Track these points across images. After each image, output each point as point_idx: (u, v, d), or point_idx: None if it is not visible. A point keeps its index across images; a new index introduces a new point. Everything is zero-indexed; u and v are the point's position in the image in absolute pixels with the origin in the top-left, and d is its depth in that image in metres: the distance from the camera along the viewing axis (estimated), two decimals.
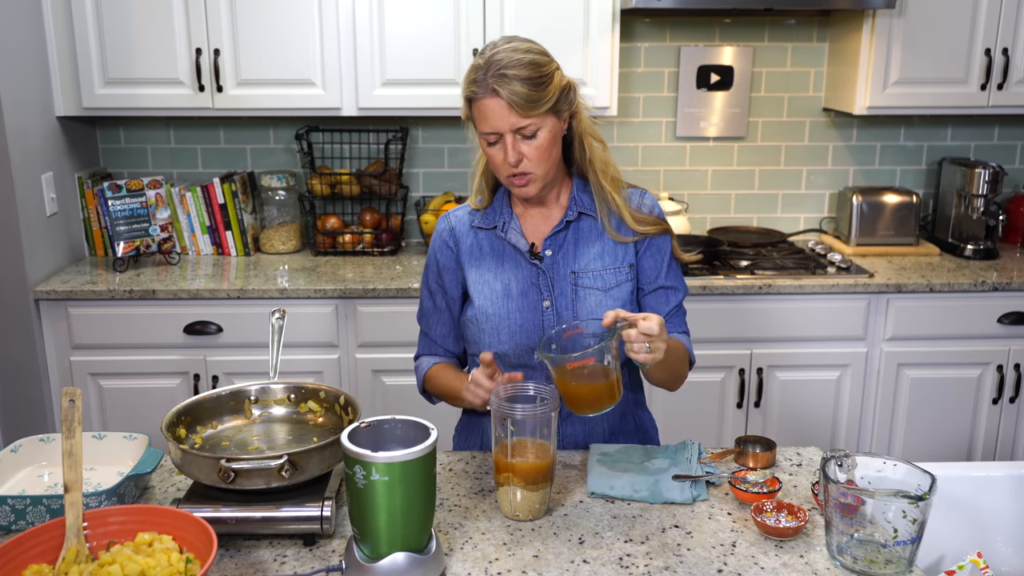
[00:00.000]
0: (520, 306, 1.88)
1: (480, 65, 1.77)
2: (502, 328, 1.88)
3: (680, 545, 1.57)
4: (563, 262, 1.90)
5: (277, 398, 1.83)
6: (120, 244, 3.37)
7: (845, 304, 3.27)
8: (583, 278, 1.89)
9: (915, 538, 1.45)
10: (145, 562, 1.34)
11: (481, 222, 1.93)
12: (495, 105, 1.74)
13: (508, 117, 1.74)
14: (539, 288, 1.89)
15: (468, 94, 1.79)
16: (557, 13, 3.28)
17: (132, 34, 3.26)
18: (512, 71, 1.73)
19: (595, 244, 1.91)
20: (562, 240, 1.90)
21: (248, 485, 1.52)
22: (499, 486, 1.65)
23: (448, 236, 1.96)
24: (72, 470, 1.43)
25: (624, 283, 1.90)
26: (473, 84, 1.77)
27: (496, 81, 1.73)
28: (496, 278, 1.90)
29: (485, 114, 1.76)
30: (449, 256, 1.95)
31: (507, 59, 1.74)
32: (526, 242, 1.90)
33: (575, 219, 1.91)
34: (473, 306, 1.92)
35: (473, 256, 1.93)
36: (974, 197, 3.60)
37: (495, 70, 1.73)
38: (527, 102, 1.73)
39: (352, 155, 3.74)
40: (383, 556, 1.41)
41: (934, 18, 3.35)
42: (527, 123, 1.75)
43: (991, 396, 3.36)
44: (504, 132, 1.76)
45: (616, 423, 2.00)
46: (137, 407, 3.23)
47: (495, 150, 1.80)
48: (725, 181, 3.86)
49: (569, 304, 1.88)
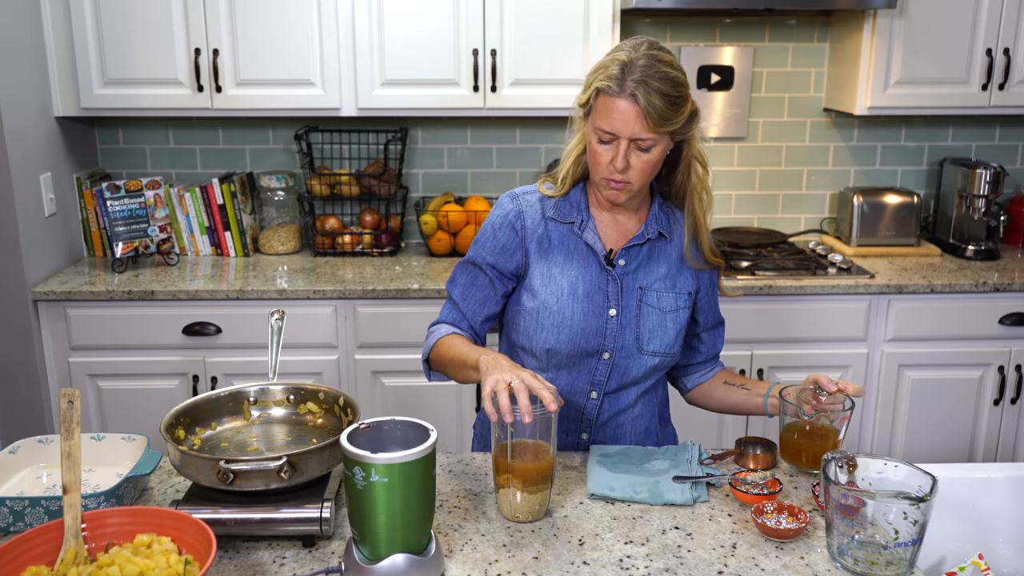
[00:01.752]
0: (585, 309, 1.87)
1: (623, 61, 1.71)
2: (563, 326, 1.87)
3: (680, 547, 1.56)
4: (633, 275, 1.89)
5: (276, 399, 1.82)
6: (119, 245, 3.36)
7: (846, 305, 3.26)
8: (648, 295, 1.89)
9: (916, 540, 1.45)
10: (144, 564, 1.34)
11: (556, 214, 1.90)
12: (628, 109, 1.71)
13: (635, 125, 1.71)
14: (607, 295, 1.88)
15: (602, 86, 1.73)
16: (557, 13, 3.27)
17: (131, 34, 3.25)
18: (655, 82, 1.70)
19: (663, 265, 1.92)
20: (636, 254, 1.90)
21: (247, 486, 1.51)
22: (499, 488, 1.65)
23: (516, 218, 1.91)
24: (71, 471, 1.43)
25: (682, 309, 1.92)
26: (611, 79, 1.72)
27: (638, 87, 1.69)
28: (563, 274, 1.88)
29: (612, 113, 1.72)
30: (512, 238, 1.90)
31: (652, 68, 1.71)
32: (603, 246, 1.89)
33: (654, 237, 1.90)
34: (535, 298, 1.88)
35: (541, 246, 1.90)
36: (975, 198, 3.60)
37: (640, 75, 1.70)
38: (660, 118, 1.71)
39: (351, 155, 3.73)
40: (382, 558, 1.41)
41: (935, 18, 3.34)
42: (649, 137, 1.73)
43: (992, 397, 3.36)
44: (623, 137, 1.73)
45: (641, 437, 2.01)
46: (136, 408, 3.22)
47: (605, 149, 1.77)
48: (726, 181, 3.85)
49: (633, 317, 1.88)
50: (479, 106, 3.35)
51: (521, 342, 1.93)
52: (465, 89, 3.33)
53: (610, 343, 1.88)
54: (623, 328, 1.88)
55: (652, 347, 1.90)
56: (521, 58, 3.30)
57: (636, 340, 1.89)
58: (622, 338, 1.88)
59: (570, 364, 1.90)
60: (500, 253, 1.91)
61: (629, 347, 1.89)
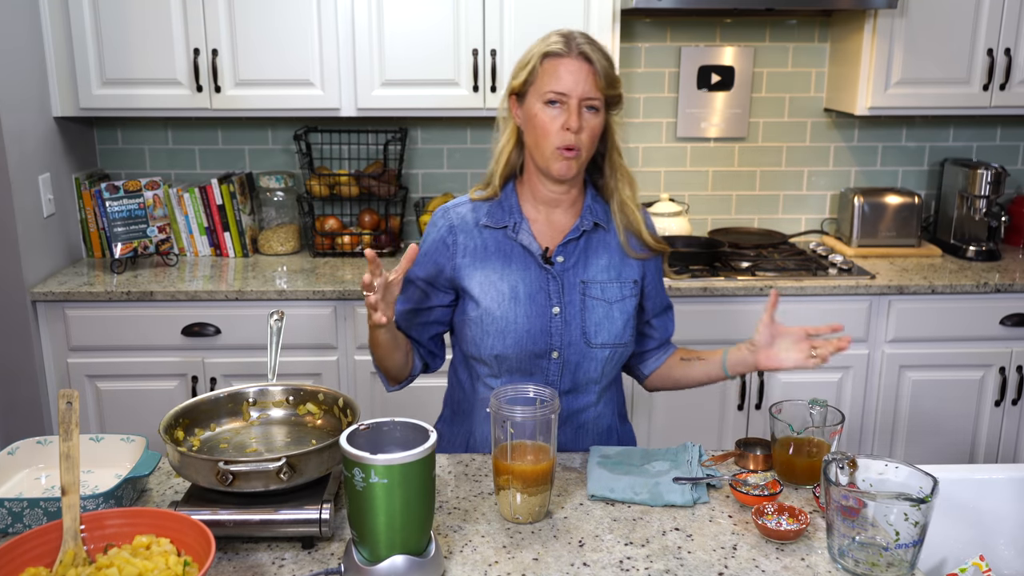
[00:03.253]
0: (528, 310, 1.87)
1: (563, 32, 1.81)
2: (508, 331, 1.87)
3: (681, 548, 1.56)
4: (573, 270, 1.89)
5: (275, 400, 1.82)
6: (118, 245, 3.36)
7: (847, 306, 3.26)
8: (591, 288, 1.89)
9: (917, 541, 1.45)
10: (143, 565, 1.33)
11: (489, 220, 1.90)
12: (580, 67, 1.77)
13: (586, 83, 1.77)
14: (548, 294, 1.87)
15: (551, 50, 1.79)
16: (557, 13, 3.27)
17: (130, 34, 3.25)
18: (598, 47, 1.81)
19: (603, 256, 1.91)
20: (574, 248, 1.90)
21: (246, 488, 1.51)
22: (499, 489, 1.64)
23: (447, 233, 1.92)
24: (69, 472, 1.42)
25: (628, 298, 1.91)
26: (558, 43, 1.79)
27: (588, 47, 1.78)
28: (502, 279, 1.88)
29: (562, 73, 1.77)
30: (444, 253, 1.92)
31: (591, 40, 1.81)
32: (539, 245, 1.89)
33: (590, 229, 1.90)
34: (478, 307, 1.89)
35: (477, 256, 1.90)
36: (976, 198, 3.59)
37: (583, 39, 1.79)
38: (608, 78, 1.79)
39: (351, 156, 3.73)
40: (382, 559, 1.40)
41: (936, 18, 3.34)
42: (598, 98, 1.78)
43: (993, 398, 3.36)
44: (574, 97, 1.77)
45: (604, 436, 2.01)
46: (135, 409, 3.22)
47: (555, 112, 1.78)
48: (726, 182, 3.85)
49: (577, 313, 1.88)
50: (479, 106, 3.34)
51: (470, 351, 1.94)
52: (465, 89, 3.33)
53: (557, 342, 1.88)
54: (568, 325, 1.87)
55: (600, 340, 1.89)
56: None
57: (583, 335, 1.88)
58: (568, 335, 1.88)
59: (521, 368, 1.90)
60: (431, 269, 1.93)
61: (577, 343, 1.88)
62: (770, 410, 1.81)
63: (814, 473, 1.74)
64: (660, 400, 3.29)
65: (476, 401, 1.97)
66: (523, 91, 1.83)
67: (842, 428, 1.79)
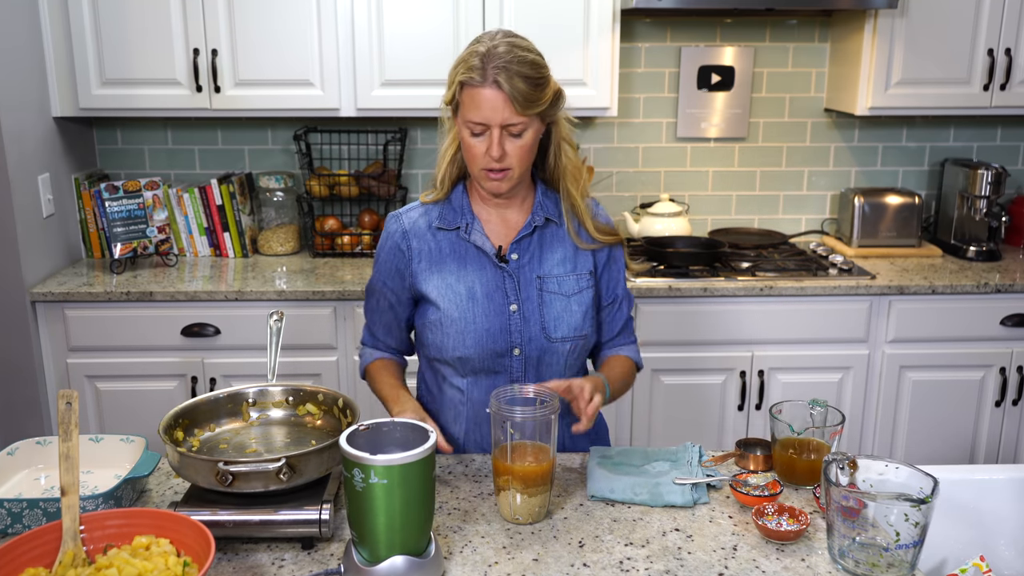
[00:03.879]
0: (486, 309, 1.86)
1: (482, 53, 1.74)
2: (468, 332, 1.86)
3: (681, 548, 1.56)
4: (529, 266, 1.89)
5: (275, 400, 1.82)
6: (117, 246, 3.35)
7: (847, 306, 3.25)
8: (548, 283, 1.89)
9: (917, 542, 1.44)
10: (142, 566, 1.33)
11: (441, 223, 1.90)
12: (493, 96, 1.72)
13: (503, 111, 1.73)
14: (505, 292, 1.87)
15: (464, 79, 1.75)
16: (557, 13, 3.27)
17: (129, 34, 3.24)
18: (515, 67, 1.72)
19: (558, 250, 1.92)
20: (527, 244, 1.90)
21: (246, 488, 1.51)
22: (499, 490, 1.64)
23: (400, 239, 1.92)
24: (69, 473, 1.42)
25: (585, 290, 1.91)
26: (472, 71, 1.73)
27: (499, 73, 1.71)
28: (459, 281, 1.88)
29: (479, 103, 1.74)
30: (400, 259, 1.92)
31: (510, 54, 1.73)
32: (492, 245, 1.89)
33: (542, 224, 1.90)
34: (437, 310, 1.88)
35: (432, 259, 1.90)
36: (977, 198, 3.59)
37: (499, 62, 1.72)
38: (526, 100, 1.73)
39: (351, 156, 3.73)
40: (382, 560, 1.40)
41: (936, 18, 3.34)
42: (519, 121, 1.75)
43: (994, 399, 3.35)
44: (494, 125, 1.74)
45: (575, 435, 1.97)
46: (134, 410, 3.21)
47: (478, 141, 1.78)
48: (726, 182, 3.85)
49: (536, 308, 1.88)
50: None
51: (433, 355, 1.95)
52: None
53: (517, 339, 1.87)
54: (527, 321, 1.87)
55: (560, 333, 1.88)
56: None
57: (543, 330, 1.88)
58: (528, 331, 1.87)
59: (485, 368, 1.89)
60: (394, 276, 1.94)
61: (537, 338, 1.88)
62: (770, 411, 1.81)
63: (814, 474, 1.74)
64: (660, 400, 3.29)
65: (444, 402, 1.97)
66: (455, 109, 1.81)
67: (842, 428, 1.79)
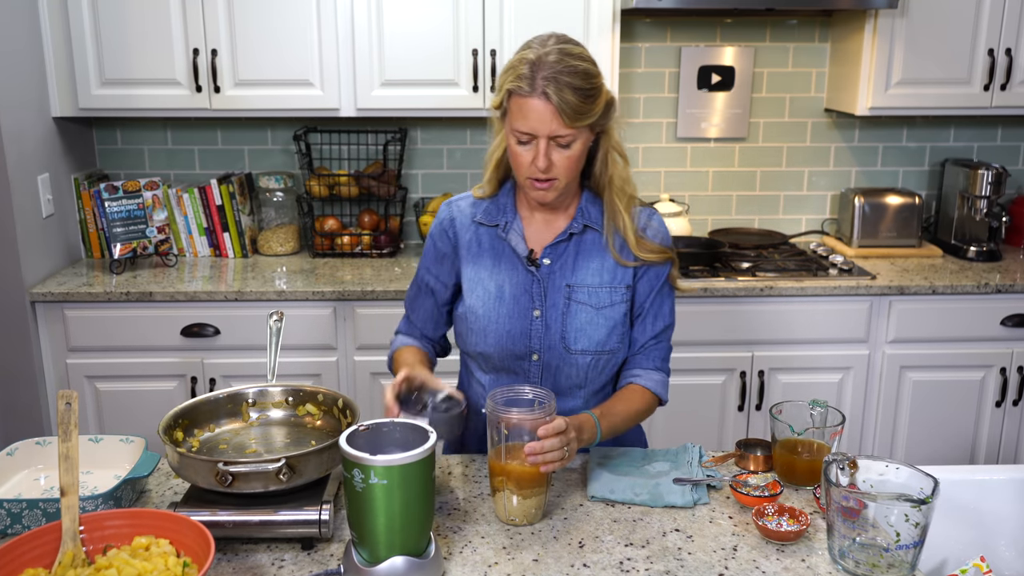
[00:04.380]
0: (511, 311, 1.85)
1: (532, 60, 1.68)
2: (489, 330, 1.86)
3: (681, 549, 1.55)
4: (560, 273, 1.85)
5: (275, 401, 1.82)
6: (117, 246, 3.35)
7: (847, 306, 3.25)
8: (578, 292, 1.85)
9: (918, 542, 1.44)
10: (142, 566, 1.33)
11: (483, 218, 1.89)
12: (541, 107, 1.67)
13: (551, 123, 1.68)
14: (531, 296, 1.85)
15: (512, 87, 1.70)
16: (557, 13, 3.27)
17: (129, 34, 3.24)
18: (566, 77, 1.66)
19: (595, 259, 1.86)
20: (563, 251, 1.86)
21: (246, 489, 1.51)
22: (495, 491, 1.64)
23: (448, 225, 1.92)
24: (68, 473, 1.42)
25: (618, 304, 1.85)
26: (521, 79, 1.68)
27: (548, 84, 1.66)
28: (491, 278, 1.87)
29: (526, 113, 1.69)
30: (447, 244, 1.92)
31: (561, 63, 1.67)
32: (525, 247, 1.87)
33: (580, 231, 1.86)
34: (464, 303, 1.89)
35: (471, 252, 1.89)
36: (977, 198, 3.59)
37: (549, 71, 1.66)
38: (575, 113, 1.68)
39: (350, 156, 3.72)
40: (382, 560, 1.40)
41: (937, 18, 3.34)
42: (568, 133, 1.70)
43: (994, 399, 3.35)
44: (541, 136, 1.70)
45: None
46: (134, 410, 3.21)
47: (524, 149, 1.74)
48: (726, 182, 3.85)
49: (559, 317, 1.84)
50: (478, 106, 3.34)
51: (461, 346, 1.96)
52: (465, 89, 3.32)
53: (536, 344, 1.85)
54: (548, 328, 1.85)
55: (579, 346, 1.84)
56: None
57: (562, 340, 1.84)
58: (548, 339, 1.85)
59: (504, 367, 1.89)
60: (439, 262, 1.93)
61: (556, 347, 1.85)
62: (770, 411, 1.80)
63: (814, 474, 1.74)
64: None
65: (471, 395, 1.96)
66: (502, 114, 1.78)
67: (842, 429, 1.79)
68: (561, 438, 1.59)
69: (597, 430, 1.75)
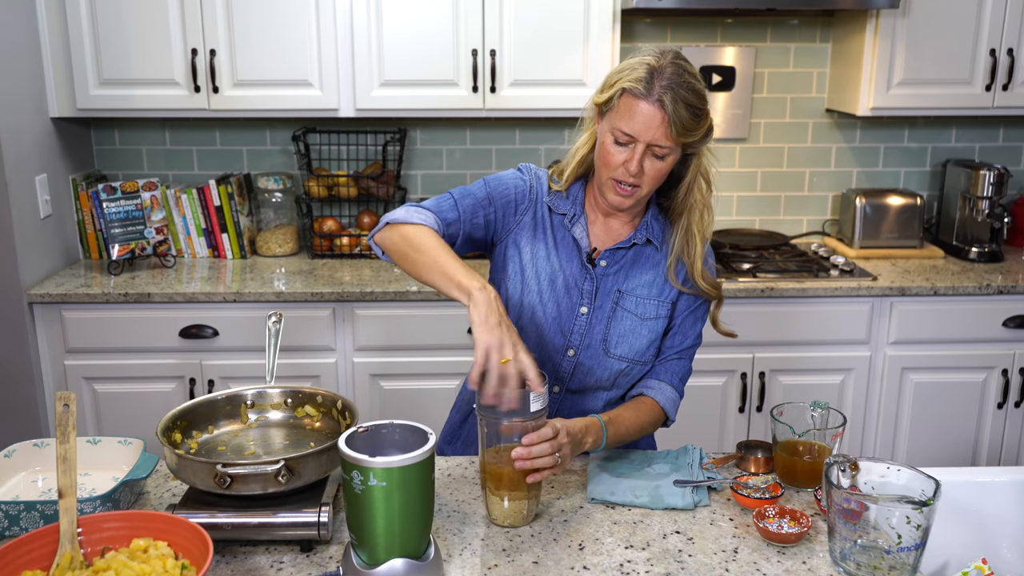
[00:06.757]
0: (559, 300, 1.85)
1: (652, 65, 1.69)
2: (536, 312, 1.85)
3: (681, 551, 1.55)
4: (613, 277, 1.87)
5: (274, 402, 1.81)
6: (115, 247, 3.34)
7: (848, 307, 3.25)
8: (626, 300, 1.86)
9: (919, 544, 1.44)
10: (140, 568, 1.33)
11: (552, 203, 1.88)
12: (653, 113, 1.67)
13: (656, 130, 1.68)
14: (582, 292, 1.86)
15: (629, 86, 1.69)
16: (557, 13, 3.26)
17: (127, 34, 3.24)
18: (683, 91, 1.67)
19: (648, 272, 1.88)
20: (620, 257, 1.87)
21: (244, 490, 1.50)
22: (486, 493, 1.63)
23: (527, 190, 1.88)
24: (66, 475, 1.41)
25: (661, 318, 1.88)
26: (639, 81, 1.68)
27: (666, 92, 1.66)
28: (547, 259, 1.86)
29: (635, 115, 1.69)
30: (508, 203, 1.87)
31: (680, 77, 1.68)
32: (588, 243, 1.87)
33: (641, 243, 1.87)
34: (519, 274, 1.86)
35: (536, 227, 1.88)
36: (979, 199, 3.58)
37: (668, 81, 1.67)
38: (684, 128, 1.68)
39: (349, 157, 3.72)
40: (381, 562, 1.39)
41: (938, 18, 3.33)
42: (667, 145, 1.70)
43: (996, 400, 3.34)
44: (642, 142, 1.70)
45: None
46: (132, 411, 3.20)
47: (619, 150, 1.73)
48: (727, 183, 3.84)
49: (605, 318, 1.86)
50: (478, 107, 3.33)
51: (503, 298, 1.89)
52: (464, 90, 3.31)
53: (576, 340, 1.86)
54: (592, 327, 1.86)
55: (619, 351, 1.86)
56: (520, 59, 3.29)
57: (604, 341, 1.86)
58: (589, 337, 1.86)
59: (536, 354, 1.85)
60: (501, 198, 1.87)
61: (595, 347, 1.86)
62: (771, 413, 1.80)
63: (815, 476, 1.73)
64: None
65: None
66: (603, 111, 1.77)
67: (843, 431, 1.78)
68: (552, 444, 1.58)
69: (604, 436, 1.75)
